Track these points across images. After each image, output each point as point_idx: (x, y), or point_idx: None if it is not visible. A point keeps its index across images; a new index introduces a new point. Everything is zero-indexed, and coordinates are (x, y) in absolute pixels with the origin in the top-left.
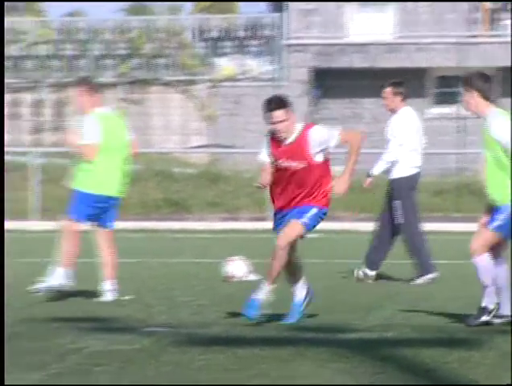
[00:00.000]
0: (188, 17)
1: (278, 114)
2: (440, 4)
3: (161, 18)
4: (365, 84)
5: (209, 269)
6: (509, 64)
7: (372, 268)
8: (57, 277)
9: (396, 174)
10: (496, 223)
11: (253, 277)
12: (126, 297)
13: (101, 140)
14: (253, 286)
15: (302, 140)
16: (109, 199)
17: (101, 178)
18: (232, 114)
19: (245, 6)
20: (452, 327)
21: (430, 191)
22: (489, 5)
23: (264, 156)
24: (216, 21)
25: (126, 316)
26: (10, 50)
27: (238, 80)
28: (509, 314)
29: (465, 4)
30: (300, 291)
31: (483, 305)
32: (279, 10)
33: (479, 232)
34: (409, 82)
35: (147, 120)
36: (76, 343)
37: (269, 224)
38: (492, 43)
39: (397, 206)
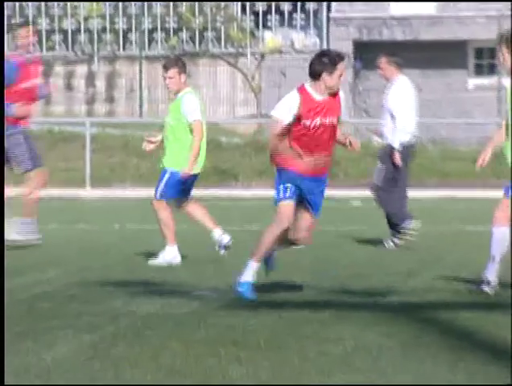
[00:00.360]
0: None
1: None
2: None
3: None
4: (406, 56)
5: (256, 236)
6: None
7: (399, 233)
8: (169, 254)
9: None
10: None
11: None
12: (178, 262)
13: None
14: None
15: (336, 95)
16: (197, 175)
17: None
18: (277, 86)
19: None
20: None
21: (470, 159)
22: None
23: (286, 115)
24: None
25: (177, 281)
26: (63, 24)
27: (284, 52)
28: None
29: None
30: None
31: (486, 277)
32: None
33: (501, 201)
34: (450, 54)
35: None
36: (129, 306)
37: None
38: None
39: (380, 169)
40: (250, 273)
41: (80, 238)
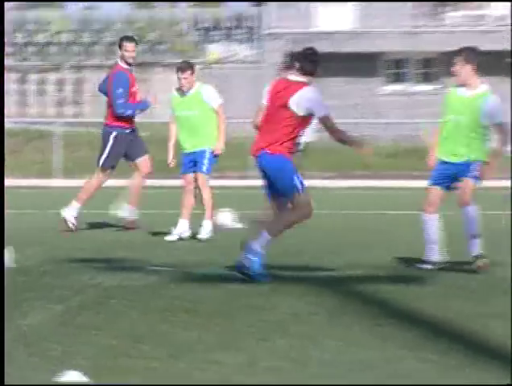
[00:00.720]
0: (184, 10)
1: None
2: None
3: (162, 11)
4: (332, 66)
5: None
6: (450, 49)
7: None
8: (206, 229)
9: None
10: (474, 175)
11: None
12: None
13: None
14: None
15: None
16: None
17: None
18: (221, 91)
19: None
20: (403, 267)
21: (385, 154)
22: None
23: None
24: (208, 14)
25: (137, 258)
26: (37, 38)
27: (225, 62)
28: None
29: None
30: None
31: (475, 254)
32: (260, 4)
33: (463, 185)
34: (367, 64)
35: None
36: (94, 280)
37: None
38: (434, 32)
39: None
40: (261, 244)
41: (52, 221)
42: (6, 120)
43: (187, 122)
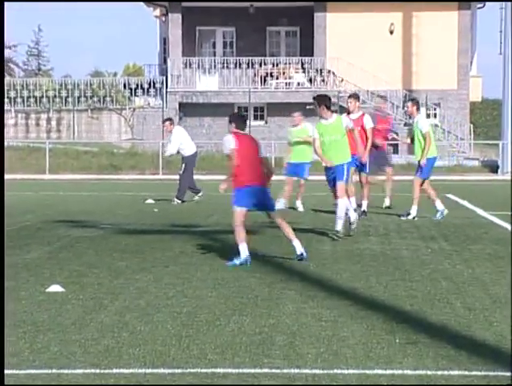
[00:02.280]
0: (121, 78)
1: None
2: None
3: (107, 78)
4: (205, 111)
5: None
6: (271, 101)
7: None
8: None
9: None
10: (420, 173)
11: None
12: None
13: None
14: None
15: None
16: None
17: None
18: (142, 124)
19: (148, 72)
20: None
21: None
22: (262, 72)
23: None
24: (135, 79)
25: (97, 219)
26: (36, 93)
27: (144, 108)
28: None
29: (250, 71)
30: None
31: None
32: (165, 74)
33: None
34: (226, 109)
35: (100, 128)
36: (68, 232)
37: None
38: (264, 91)
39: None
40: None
41: (43, 199)
42: (13, 140)
43: (323, 144)
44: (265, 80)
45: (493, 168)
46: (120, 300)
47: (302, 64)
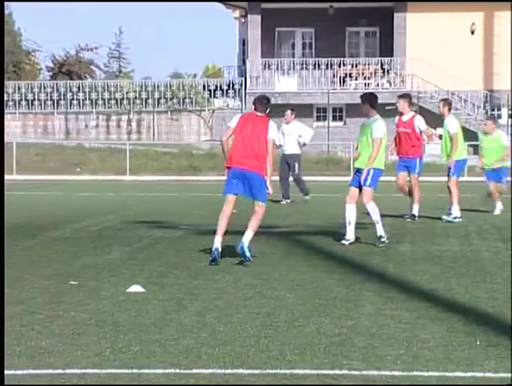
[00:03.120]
0: (200, 79)
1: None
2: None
3: (187, 79)
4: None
5: None
6: (349, 102)
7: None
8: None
9: None
10: (368, 182)
11: None
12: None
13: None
14: None
15: None
16: None
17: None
18: (222, 125)
19: (227, 73)
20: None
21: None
22: (341, 73)
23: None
24: (214, 80)
25: (174, 219)
26: (116, 95)
27: (223, 109)
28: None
29: (329, 72)
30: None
31: (379, 234)
32: (244, 75)
33: (364, 191)
34: (305, 110)
35: (180, 130)
36: (148, 233)
37: None
38: (342, 92)
39: None
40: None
41: (124, 200)
42: (94, 142)
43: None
44: (344, 81)
45: None
46: (199, 300)
47: (381, 65)
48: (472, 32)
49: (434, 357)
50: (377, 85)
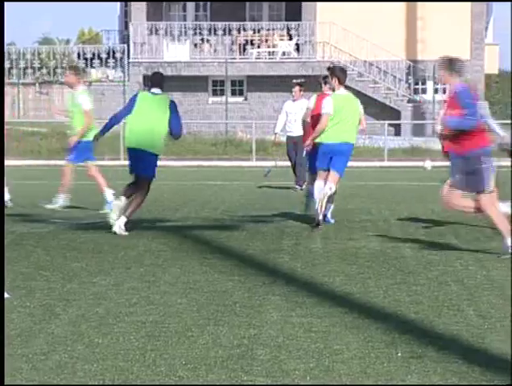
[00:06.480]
0: (75, 46)
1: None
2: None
3: (58, 46)
4: (174, 84)
5: None
6: (251, 73)
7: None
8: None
9: None
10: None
11: None
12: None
13: None
14: None
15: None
16: None
17: None
18: (100, 101)
19: (106, 39)
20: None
21: (209, 143)
22: (241, 39)
23: None
24: (91, 48)
25: (41, 212)
26: None
27: (102, 81)
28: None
29: (227, 39)
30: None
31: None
32: (127, 42)
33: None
34: (198, 83)
35: (51, 105)
36: (12, 228)
37: None
38: (242, 62)
39: None
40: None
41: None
42: None
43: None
44: (244, 49)
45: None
46: (74, 307)
47: (288, 31)
48: None
49: (348, 371)
50: (284, 54)
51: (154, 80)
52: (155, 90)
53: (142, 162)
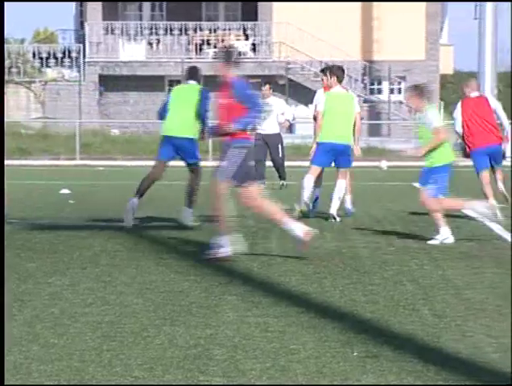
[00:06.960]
0: (30, 45)
1: None
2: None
3: (13, 45)
4: (130, 84)
5: None
6: (208, 73)
7: None
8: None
9: None
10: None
11: None
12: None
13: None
14: None
15: None
16: None
17: None
18: (56, 100)
19: (62, 38)
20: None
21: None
22: (197, 39)
23: None
24: (46, 48)
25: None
26: None
27: (58, 81)
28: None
29: (184, 38)
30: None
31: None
32: (83, 41)
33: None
34: (154, 83)
35: (6, 104)
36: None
37: None
38: (199, 62)
39: None
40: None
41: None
42: None
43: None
44: (201, 49)
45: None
46: (29, 308)
47: (244, 31)
48: None
49: (305, 370)
50: (240, 54)
51: (190, 73)
52: (191, 82)
53: (184, 151)
